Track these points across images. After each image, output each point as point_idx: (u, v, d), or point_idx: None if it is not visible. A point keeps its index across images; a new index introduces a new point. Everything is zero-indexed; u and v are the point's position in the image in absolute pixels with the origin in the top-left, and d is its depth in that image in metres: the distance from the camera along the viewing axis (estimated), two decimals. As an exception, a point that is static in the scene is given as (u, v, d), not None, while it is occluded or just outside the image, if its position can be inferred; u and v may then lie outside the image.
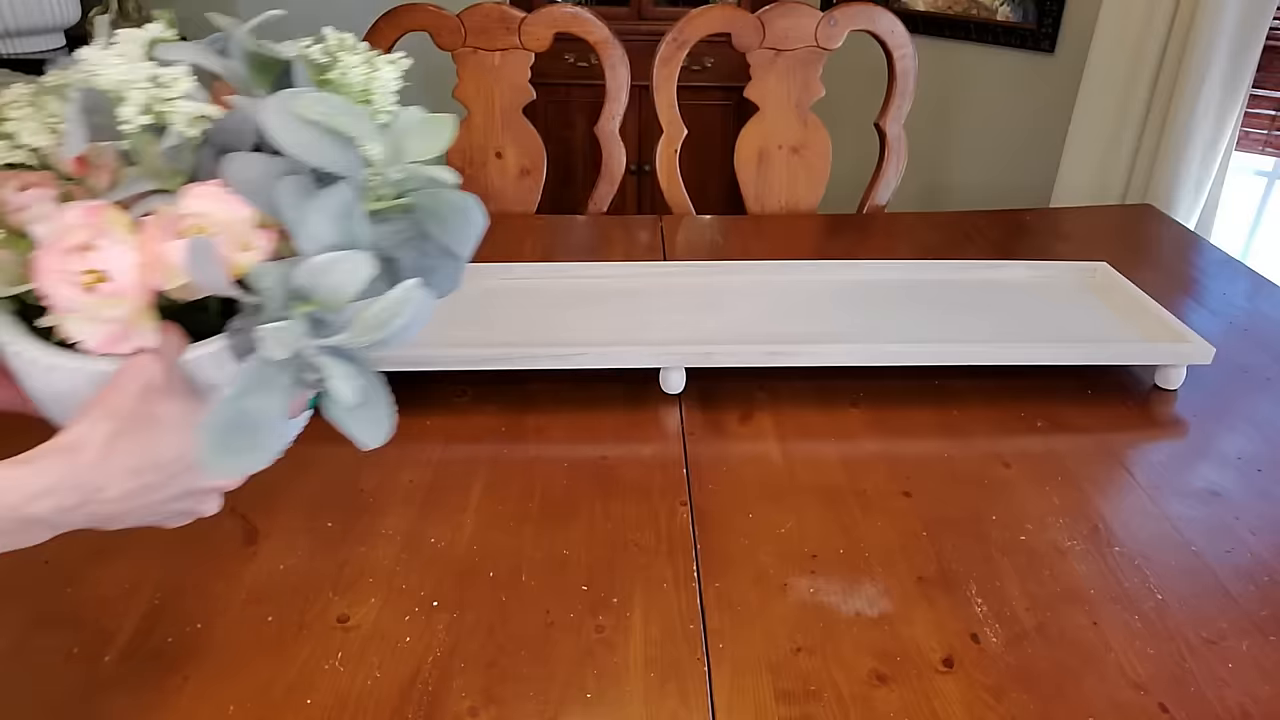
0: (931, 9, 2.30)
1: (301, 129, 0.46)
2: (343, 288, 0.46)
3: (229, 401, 0.45)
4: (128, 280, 0.44)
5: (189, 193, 0.46)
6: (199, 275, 0.44)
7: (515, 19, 1.47)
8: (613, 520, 0.78)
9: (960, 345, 0.99)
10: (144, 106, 0.45)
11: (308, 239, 0.45)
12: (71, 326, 0.45)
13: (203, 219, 0.45)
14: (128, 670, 0.64)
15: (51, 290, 0.44)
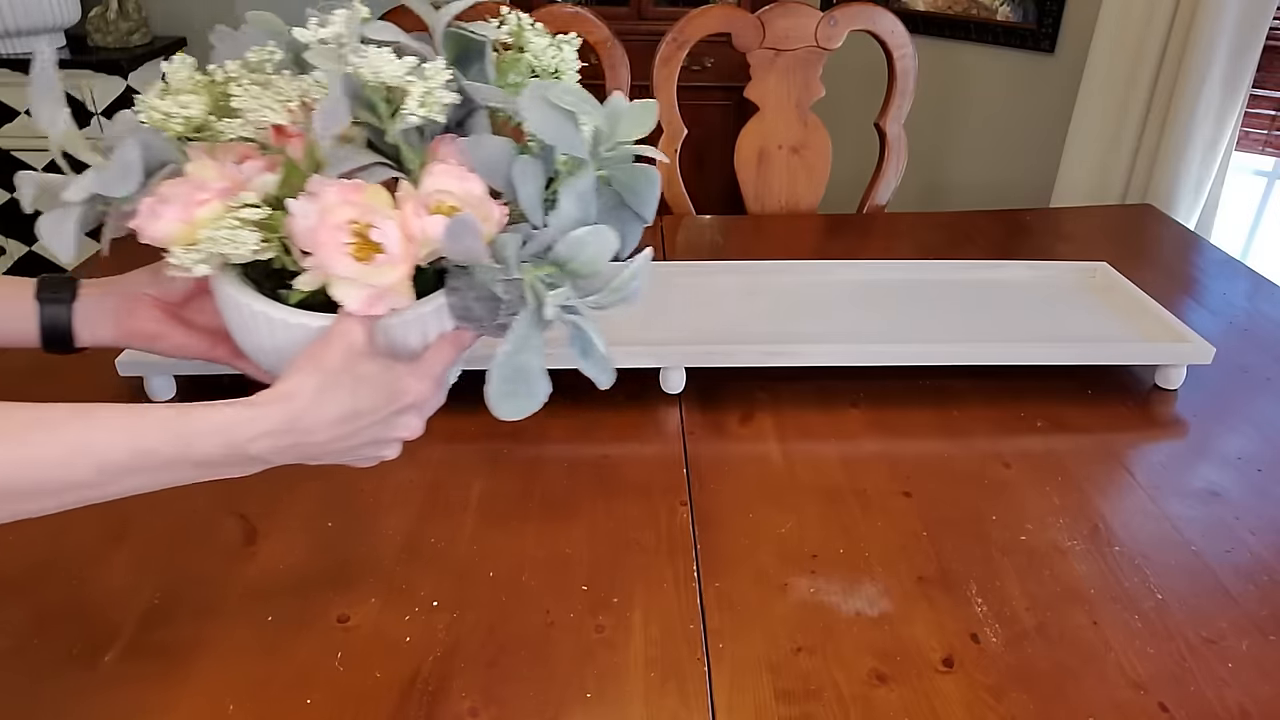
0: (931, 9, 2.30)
1: (551, 115, 0.52)
2: (598, 258, 0.54)
3: (509, 357, 0.54)
4: (397, 251, 0.51)
5: (432, 171, 0.53)
6: (457, 247, 0.51)
7: (515, 19, 1.47)
8: (613, 520, 0.78)
9: (960, 345, 0.99)
10: (420, 100, 0.51)
11: (562, 216, 0.53)
12: (339, 290, 0.52)
13: (448, 195, 0.52)
14: (128, 670, 0.64)
15: (328, 259, 0.51)
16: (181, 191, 0.52)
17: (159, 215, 0.52)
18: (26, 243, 2.51)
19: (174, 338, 0.65)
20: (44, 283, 0.64)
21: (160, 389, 0.94)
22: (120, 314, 0.65)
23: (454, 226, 0.50)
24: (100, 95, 2.34)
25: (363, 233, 0.51)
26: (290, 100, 0.54)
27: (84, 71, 2.31)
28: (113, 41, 2.44)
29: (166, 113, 0.54)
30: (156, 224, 0.52)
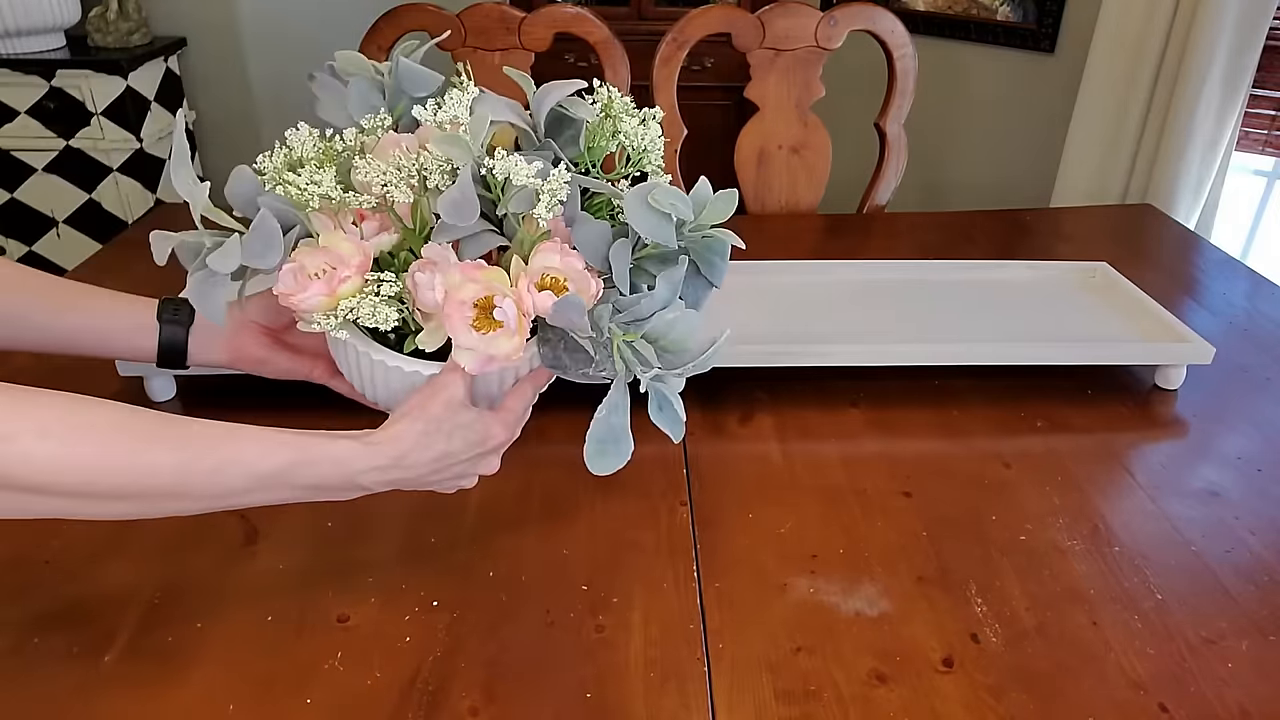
0: (931, 9, 2.30)
1: (649, 215, 0.61)
2: (686, 337, 0.63)
3: (601, 419, 0.64)
4: (514, 326, 0.59)
5: (541, 249, 0.60)
6: (562, 320, 0.59)
7: (515, 19, 1.47)
8: (613, 520, 0.78)
9: (960, 345, 0.99)
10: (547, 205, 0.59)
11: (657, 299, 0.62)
12: (459, 355, 0.61)
13: (554, 270, 0.60)
14: (128, 670, 0.64)
15: (454, 330, 0.59)
16: (322, 265, 0.60)
17: (306, 288, 0.60)
18: (27, 243, 2.51)
19: (279, 362, 0.74)
20: (165, 304, 0.73)
21: (160, 389, 0.94)
22: (231, 339, 0.73)
23: (562, 305, 0.59)
24: (100, 95, 2.34)
25: (484, 307, 0.59)
26: (413, 177, 0.61)
27: (84, 71, 2.31)
28: (113, 41, 2.45)
29: (301, 188, 0.60)
30: (304, 296, 0.60)
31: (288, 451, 0.57)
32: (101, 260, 1.29)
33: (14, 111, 2.34)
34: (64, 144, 2.38)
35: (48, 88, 2.32)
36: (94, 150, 2.40)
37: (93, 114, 2.36)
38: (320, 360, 0.75)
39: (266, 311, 0.74)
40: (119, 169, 2.42)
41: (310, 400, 0.97)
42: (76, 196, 2.45)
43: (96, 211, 2.47)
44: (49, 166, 2.41)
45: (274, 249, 0.60)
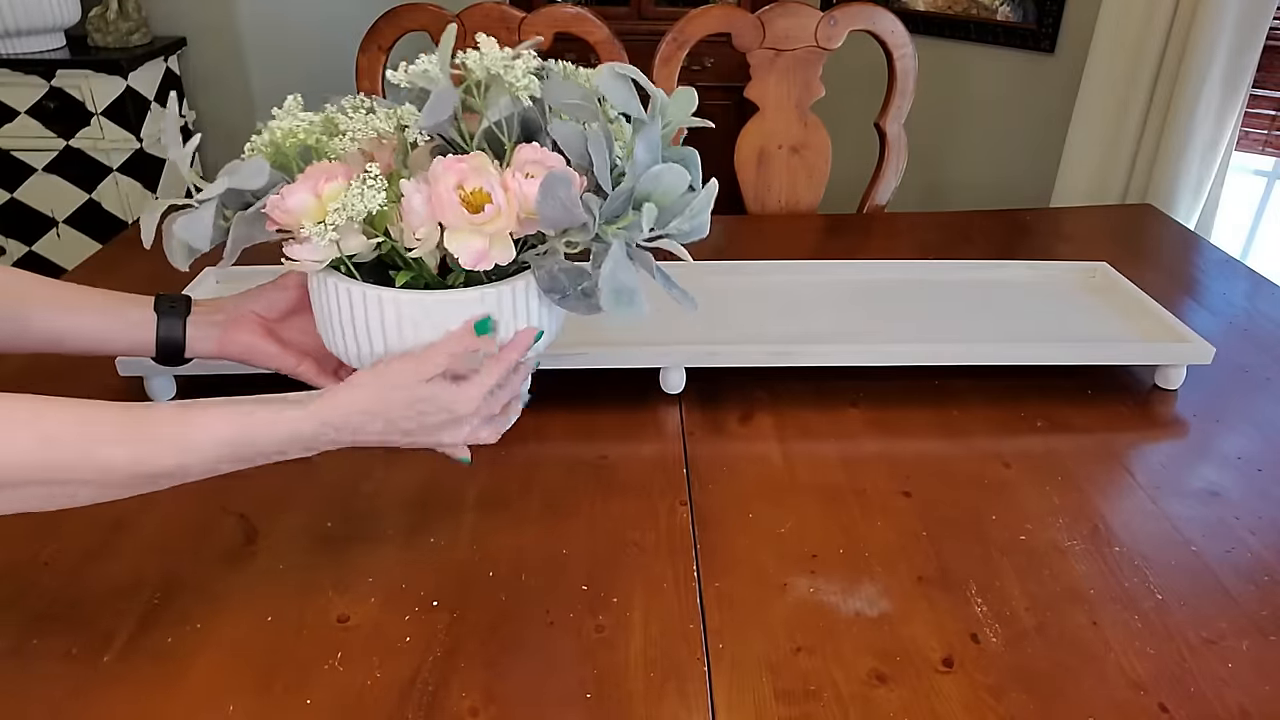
0: (931, 9, 2.30)
1: (619, 84, 0.64)
2: (675, 188, 0.64)
3: (609, 275, 0.62)
4: (502, 201, 0.59)
5: (520, 151, 0.63)
6: (551, 202, 0.60)
7: (515, 19, 1.47)
8: (612, 520, 0.78)
9: (960, 345, 0.99)
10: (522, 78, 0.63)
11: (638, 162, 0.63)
12: (452, 242, 0.60)
13: (537, 166, 0.62)
14: (127, 670, 0.64)
15: (444, 214, 0.59)
16: (310, 174, 0.61)
17: (291, 193, 0.60)
18: (27, 243, 2.51)
19: (266, 350, 0.73)
20: (161, 299, 0.73)
21: (160, 389, 0.94)
22: (224, 329, 0.73)
23: (550, 180, 0.59)
24: (100, 95, 2.34)
25: (470, 202, 0.60)
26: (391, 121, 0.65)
27: (84, 71, 2.31)
28: (113, 41, 2.45)
29: (290, 128, 0.63)
30: (289, 200, 0.60)
31: (231, 432, 0.60)
32: (101, 260, 1.29)
33: (14, 111, 2.34)
34: (64, 144, 2.39)
35: (48, 88, 2.32)
36: (94, 150, 2.40)
37: (93, 114, 2.36)
38: (308, 359, 0.75)
39: (266, 303, 0.75)
40: (119, 169, 2.42)
41: (310, 400, 0.97)
42: (76, 196, 2.45)
43: (96, 211, 2.47)
44: (49, 166, 2.41)
45: (261, 175, 0.62)
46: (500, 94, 0.64)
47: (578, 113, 0.65)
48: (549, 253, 0.64)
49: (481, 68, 0.63)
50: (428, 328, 0.63)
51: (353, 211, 0.59)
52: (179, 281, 1.08)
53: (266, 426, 0.60)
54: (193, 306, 0.74)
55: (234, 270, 1.09)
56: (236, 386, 0.94)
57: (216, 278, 1.10)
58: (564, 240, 0.64)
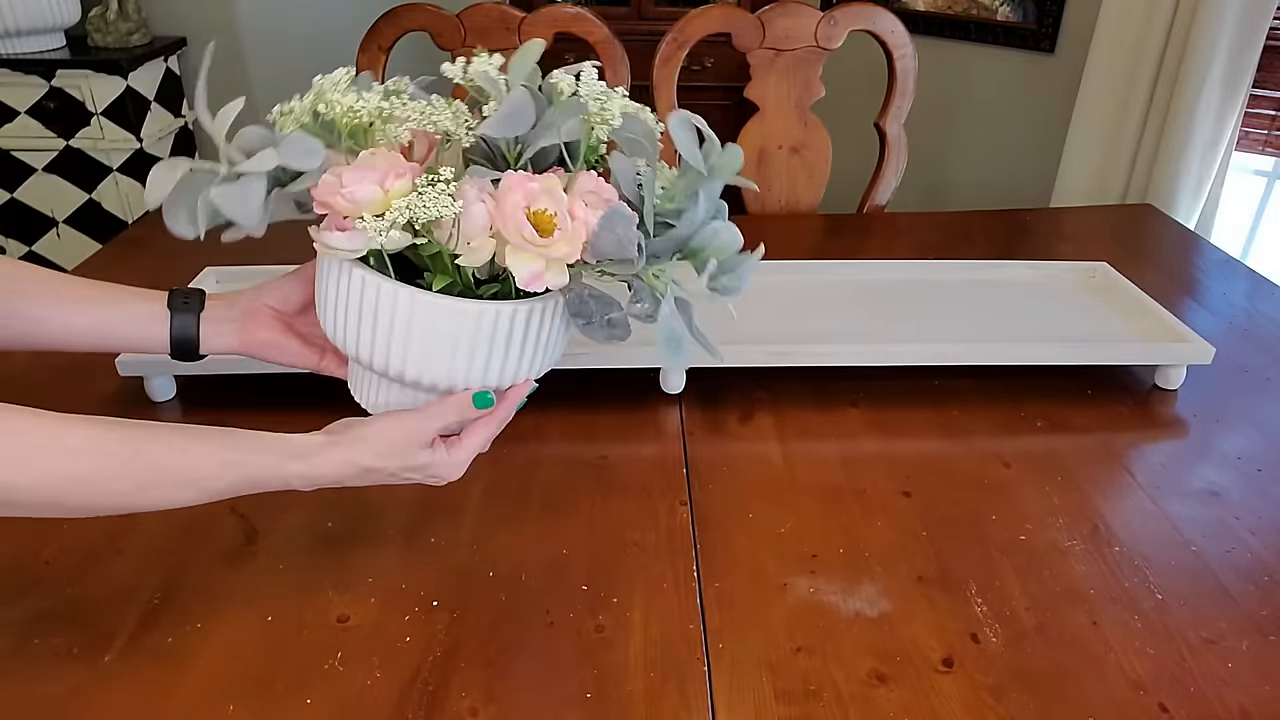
0: (931, 9, 2.30)
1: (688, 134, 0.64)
2: (729, 245, 0.66)
3: (664, 322, 0.64)
4: (568, 226, 0.59)
5: (580, 178, 0.62)
6: (609, 234, 0.60)
7: (515, 19, 1.47)
8: (612, 520, 0.78)
9: (960, 345, 0.99)
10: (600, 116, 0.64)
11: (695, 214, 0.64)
12: (512, 259, 0.59)
13: (593, 195, 0.61)
14: (128, 669, 0.64)
15: (509, 229, 0.58)
16: (378, 166, 0.59)
17: (361, 180, 0.58)
18: (27, 243, 2.51)
19: (289, 347, 0.72)
20: (175, 294, 0.71)
21: (160, 389, 0.94)
22: (242, 324, 0.71)
23: (612, 215, 0.60)
24: (100, 95, 2.34)
25: (535, 222, 0.59)
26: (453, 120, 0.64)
27: (84, 71, 2.31)
28: (113, 41, 2.45)
29: (350, 105, 0.61)
30: (358, 190, 0.58)
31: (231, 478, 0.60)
32: (101, 260, 1.29)
33: (14, 111, 2.34)
34: (64, 144, 2.38)
35: (48, 88, 2.32)
36: (94, 150, 2.40)
37: (93, 114, 2.36)
38: (329, 352, 0.73)
39: (281, 296, 0.73)
40: (119, 169, 2.42)
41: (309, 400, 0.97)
42: (76, 196, 2.45)
43: (96, 211, 2.47)
44: (49, 166, 2.41)
45: (313, 155, 0.60)
46: (569, 117, 0.62)
47: (636, 149, 0.65)
48: (582, 283, 0.64)
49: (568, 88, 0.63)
50: (445, 333, 0.61)
51: (419, 214, 0.57)
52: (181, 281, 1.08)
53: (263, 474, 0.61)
54: (207, 302, 0.71)
55: (235, 270, 1.10)
56: (236, 386, 0.94)
57: (217, 277, 1.10)
58: (596, 271, 0.63)
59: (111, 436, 0.56)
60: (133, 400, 0.93)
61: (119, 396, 0.94)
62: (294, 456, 0.61)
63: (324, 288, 0.64)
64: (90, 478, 0.55)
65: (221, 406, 0.93)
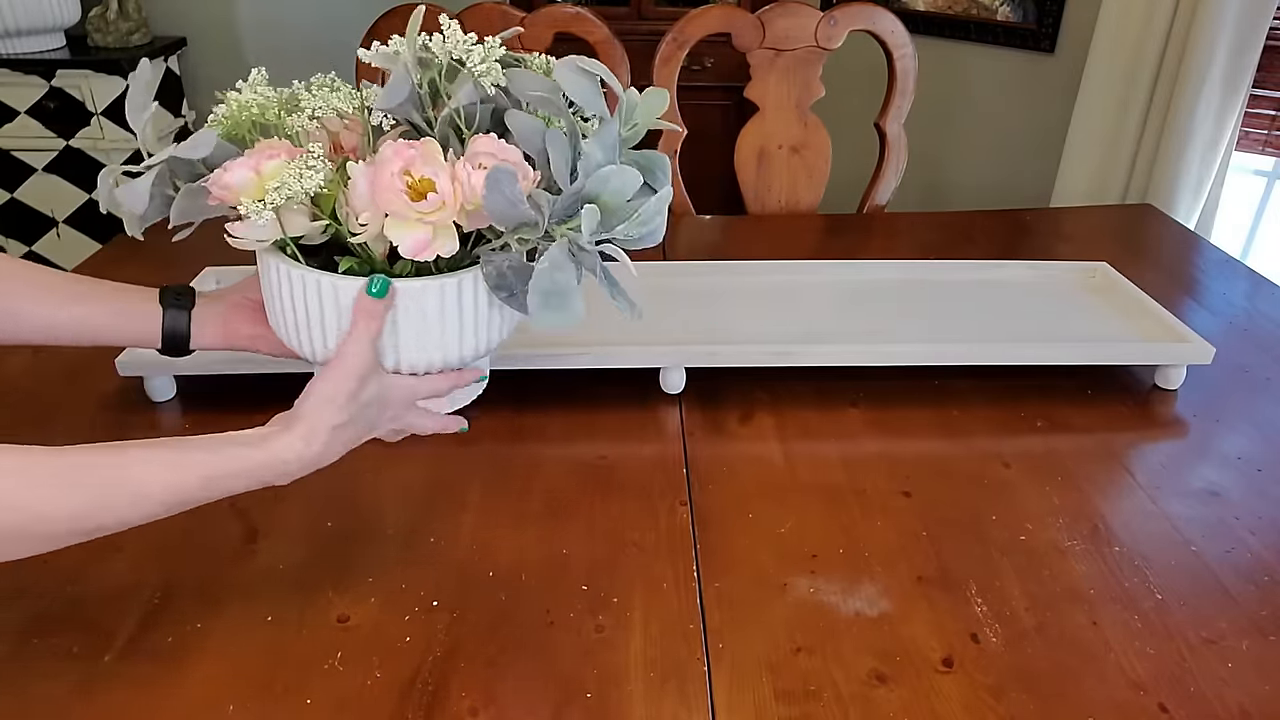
0: (931, 9, 2.30)
1: (580, 78, 0.63)
2: (623, 190, 0.61)
3: (543, 273, 0.60)
4: (448, 189, 0.58)
5: (475, 142, 0.61)
6: (497, 197, 0.57)
7: (515, 19, 1.47)
8: (612, 520, 0.78)
9: (960, 345, 0.99)
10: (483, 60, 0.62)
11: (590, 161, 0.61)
12: (394, 232, 0.58)
13: (489, 158, 0.59)
14: (127, 670, 0.64)
15: (386, 201, 0.58)
16: (255, 151, 0.60)
17: (232, 168, 0.59)
18: (27, 243, 2.51)
19: (271, 338, 0.71)
20: (166, 290, 0.72)
21: (160, 389, 0.94)
22: (226, 319, 0.73)
23: (495, 175, 0.57)
24: (100, 95, 2.34)
25: (416, 189, 0.58)
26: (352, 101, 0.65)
27: (84, 71, 2.31)
28: (113, 41, 2.44)
29: (248, 99, 0.63)
30: (230, 175, 0.59)
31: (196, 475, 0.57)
32: (101, 260, 1.29)
33: (14, 111, 2.34)
34: (64, 144, 2.38)
35: (48, 88, 2.32)
36: (94, 150, 2.39)
37: (93, 114, 2.36)
38: None
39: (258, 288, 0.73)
40: (119, 169, 2.42)
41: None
42: (76, 196, 2.45)
43: (96, 212, 2.46)
44: (49, 166, 2.41)
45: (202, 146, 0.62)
46: (465, 81, 0.62)
47: (543, 106, 0.63)
48: (504, 249, 0.62)
49: (444, 52, 0.62)
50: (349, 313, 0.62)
51: (291, 191, 0.57)
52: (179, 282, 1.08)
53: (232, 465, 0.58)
54: (197, 298, 0.73)
55: (235, 270, 1.10)
56: (236, 387, 0.94)
57: (217, 278, 1.10)
58: (516, 237, 0.61)
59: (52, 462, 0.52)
60: (133, 400, 0.93)
61: (119, 396, 0.94)
62: (258, 445, 0.59)
63: (262, 282, 0.67)
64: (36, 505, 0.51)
65: (221, 407, 0.93)
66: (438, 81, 0.64)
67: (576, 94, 0.63)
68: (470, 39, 0.62)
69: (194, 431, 0.90)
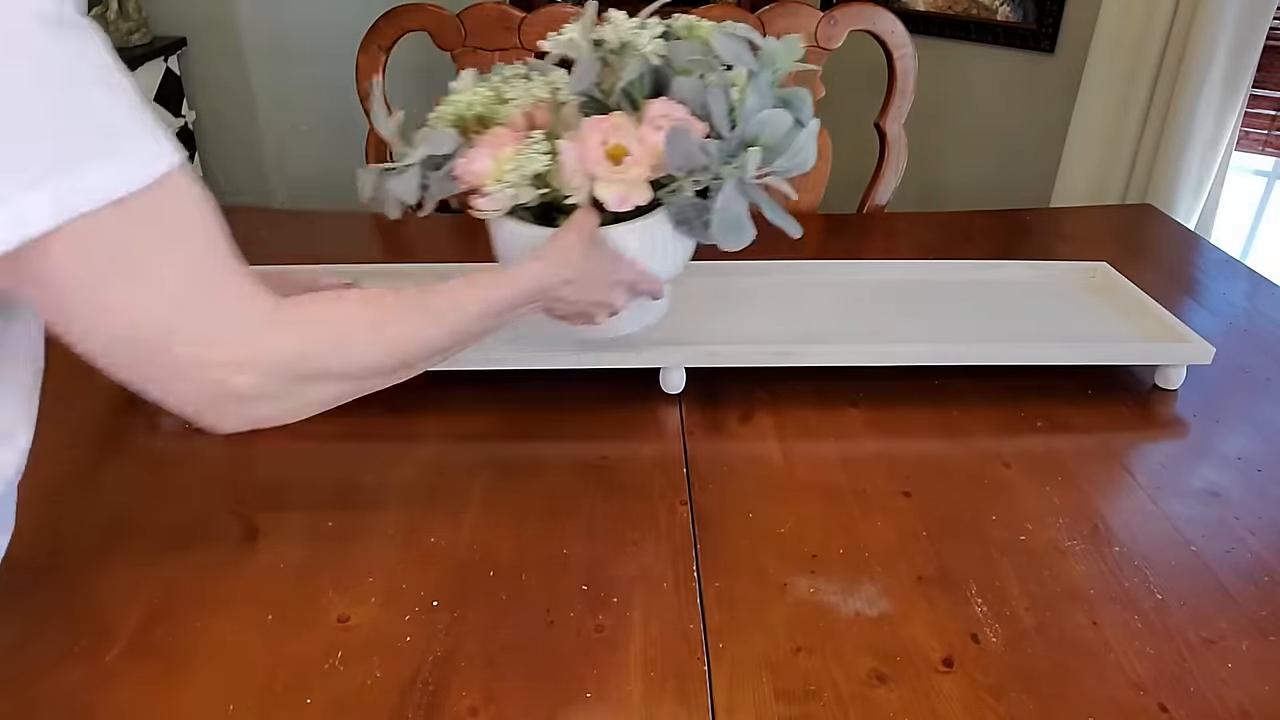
0: (931, 9, 2.30)
1: (731, 41, 0.76)
2: (779, 128, 0.75)
3: (720, 210, 0.75)
4: (639, 153, 0.73)
5: (650, 106, 0.75)
6: (676, 149, 0.72)
7: (515, 19, 1.47)
8: (613, 520, 0.78)
9: (960, 345, 0.99)
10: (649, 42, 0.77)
11: (748, 108, 0.74)
12: (601, 191, 0.74)
13: (665, 119, 0.74)
14: (128, 669, 0.64)
15: (591, 166, 0.73)
16: (487, 142, 0.76)
17: (475, 159, 0.75)
18: (26, 243, 2.51)
19: None
20: None
21: (160, 389, 0.94)
22: None
23: (674, 132, 0.72)
24: (100, 95, 2.34)
25: (613, 155, 0.73)
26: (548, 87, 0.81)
27: (84, 71, 2.31)
28: (113, 41, 2.42)
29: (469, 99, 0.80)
30: (474, 165, 0.75)
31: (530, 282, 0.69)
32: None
33: (14, 111, 2.34)
34: (64, 144, 2.38)
35: (48, 87, 2.32)
36: (94, 150, 2.39)
37: (93, 114, 2.35)
38: None
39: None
40: (119, 169, 2.42)
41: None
42: (77, 196, 2.45)
43: (97, 211, 2.46)
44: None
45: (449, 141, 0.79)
46: (632, 57, 0.76)
47: (698, 67, 0.77)
48: (678, 190, 0.76)
49: (615, 37, 0.78)
50: None
51: (524, 172, 0.74)
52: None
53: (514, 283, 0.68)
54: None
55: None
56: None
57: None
58: (690, 180, 0.75)
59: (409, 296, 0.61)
60: (132, 400, 0.93)
61: (119, 396, 0.94)
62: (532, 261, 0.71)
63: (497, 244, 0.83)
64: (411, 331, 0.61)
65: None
66: (609, 60, 0.79)
67: (728, 54, 0.76)
68: (635, 23, 0.78)
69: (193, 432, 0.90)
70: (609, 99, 0.79)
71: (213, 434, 0.55)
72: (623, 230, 0.77)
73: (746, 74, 0.75)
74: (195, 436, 0.90)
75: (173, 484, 0.83)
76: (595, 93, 0.79)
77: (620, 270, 0.77)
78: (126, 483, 0.83)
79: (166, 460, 0.87)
